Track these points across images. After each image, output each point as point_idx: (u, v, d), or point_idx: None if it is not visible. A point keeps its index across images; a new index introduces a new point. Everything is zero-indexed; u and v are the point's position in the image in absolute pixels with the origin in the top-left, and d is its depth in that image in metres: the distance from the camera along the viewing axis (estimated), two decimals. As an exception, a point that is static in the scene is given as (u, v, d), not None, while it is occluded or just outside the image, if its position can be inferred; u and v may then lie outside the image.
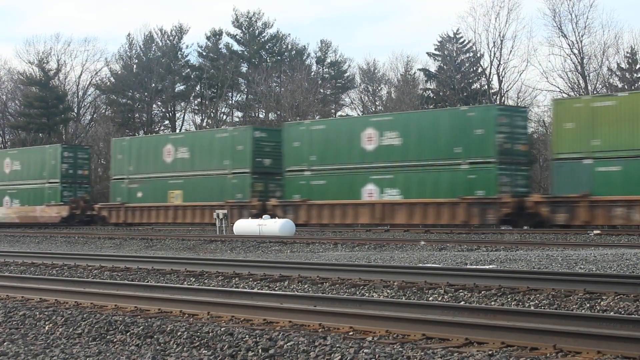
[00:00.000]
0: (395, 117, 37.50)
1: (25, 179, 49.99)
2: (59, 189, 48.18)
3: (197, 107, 74.96)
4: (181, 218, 42.18)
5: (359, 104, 70.07)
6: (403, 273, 13.92)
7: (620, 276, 12.84)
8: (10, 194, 50.87)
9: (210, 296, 11.27)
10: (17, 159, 51.10)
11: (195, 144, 42.72)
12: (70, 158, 48.85)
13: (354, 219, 35.77)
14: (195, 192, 41.58)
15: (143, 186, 44.58)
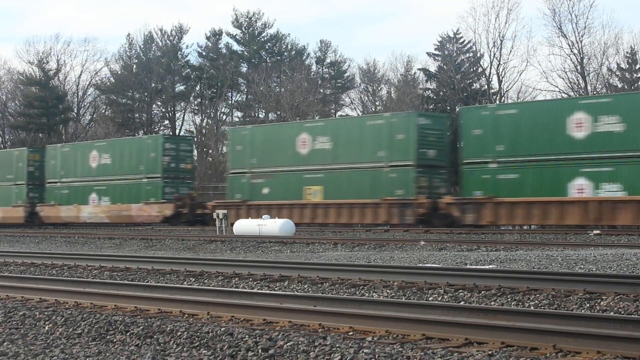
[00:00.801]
0: None
1: (117, 174, 44.88)
2: (160, 184, 42.88)
3: (197, 107, 74.99)
4: (322, 217, 36.62)
5: (358, 104, 70.12)
6: (403, 273, 13.92)
7: (620, 276, 12.84)
8: (99, 191, 45.91)
9: (210, 296, 11.27)
10: (106, 152, 45.92)
11: (339, 132, 36.77)
12: (172, 150, 43.62)
13: None
14: (340, 188, 35.94)
15: (270, 181, 38.71)
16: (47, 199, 48.76)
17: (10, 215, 50.33)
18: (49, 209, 48.27)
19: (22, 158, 50.54)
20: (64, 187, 47.77)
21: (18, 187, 50.41)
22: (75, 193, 47.10)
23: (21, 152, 51.77)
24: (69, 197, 47.28)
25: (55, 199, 47.97)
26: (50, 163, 48.90)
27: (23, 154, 51.11)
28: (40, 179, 49.65)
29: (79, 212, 46.22)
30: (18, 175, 50.49)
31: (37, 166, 50.06)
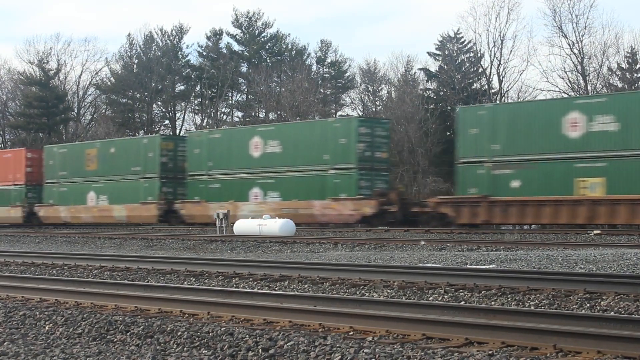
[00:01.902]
0: None
1: (290, 165, 37.66)
2: (354, 177, 35.67)
3: (197, 107, 74.99)
4: (604, 217, 29.79)
5: (359, 104, 70.12)
6: (403, 273, 13.92)
7: (620, 276, 12.84)
8: (263, 185, 38.72)
9: (210, 296, 11.27)
10: (273, 138, 38.62)
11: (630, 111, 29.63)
12: (368, 136, 36.23)
13: None
14: None
15: (524, 171, 31.39)
16: (188, 195, 41.68)
17: (137, 214, 43.30)
18: (193, 206, 40.98)
19: (153, 146, 43.20)
20: (214, 180, 40.60)
21: (148, 181, 43.09)
22: (230, 188, 39.72)
23: (152, 140, 44.73)
24: (219, 193, 39.71)
25: (201, 195, 40.64)
26: (193, 152, 41.85)
27: (154, 141, 44.03)
28: (175, 171, 42.91)
29: (237, 210, 38.00)
30: (147, 167, 43.07)
31: (170, 156, 42.93)
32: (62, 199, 47.53)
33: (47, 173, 48.66)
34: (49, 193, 48.45)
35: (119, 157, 44.89)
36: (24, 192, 49.82)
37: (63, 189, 47.67)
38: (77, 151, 48.61)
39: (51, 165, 48.43)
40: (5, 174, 50.58)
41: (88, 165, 46.43)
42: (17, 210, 49.63)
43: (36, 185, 49.57)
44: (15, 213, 49.73)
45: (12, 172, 50.34)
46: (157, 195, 42.67)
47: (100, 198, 45.51)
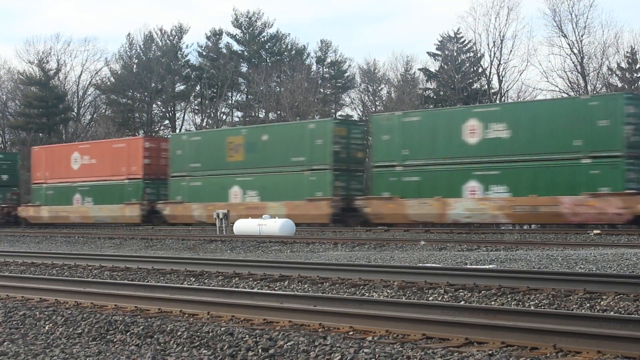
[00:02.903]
0: None
1: (523, 152, 30.97)
2: (620, 167, 29.13)
3: (197, 107, 75.01)
4: None
5: (359, 104, 70.14)
6: (403, 273, 13.92)
7: (620, 276, 12.84)
8: (483, 178, 32.06)
9: (210, 296, 11.27)
10: (498, 121, 31.86)
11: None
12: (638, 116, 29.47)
13: None
14: None
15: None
16: (373, 190, 35.08)
17: (303, 213, 36.56)
18: (381, 204, 34.15)
19: (324, 132, 36.57)
20: (412, 172, 34.01)
21: (316, 174, 36.70)
22: (436, 181, 33.29)
23: (321, 125, 37.79)
24: (419, 188, 33.51)
25: (393, 190, 34.05)
26: (380, 139, 34.95)
27: (325, 127, 37.01)
28: (348, 161, 36.87)
29: (446, 209, 32.59)
30: (315, 157, 36.71)
31: (344, 144, 36.69)
32: (195, 195, 40.62)
33: (174, 165, 41.84)
34: (176, 188, 41.64)
35: (274, 145, 38.00)
36: (141, 187, 43.32)
37: (196, 184, 40.90)
38: (215, 139, 41.58)
39: (179, 156, 41.70)
40: (117, 167, 44.37)
41: (231, 156, 39.58)
42: (134, 208, 43.10)
43: (155, 180, 43.46)
44: (132, 212, 43.12)
45: (125, 164, 43.98)
46: (329, 191, 35.95)
47: (248, 194, 38.77)
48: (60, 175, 47.40)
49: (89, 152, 46.60)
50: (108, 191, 44.78)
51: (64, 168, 47.19)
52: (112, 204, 44.29)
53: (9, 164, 52.90)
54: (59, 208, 47.20)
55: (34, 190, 49.47)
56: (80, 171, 46.54)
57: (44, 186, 48.49)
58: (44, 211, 47.91)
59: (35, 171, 49.30)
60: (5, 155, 56.46)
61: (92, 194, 45.71)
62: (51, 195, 47.92)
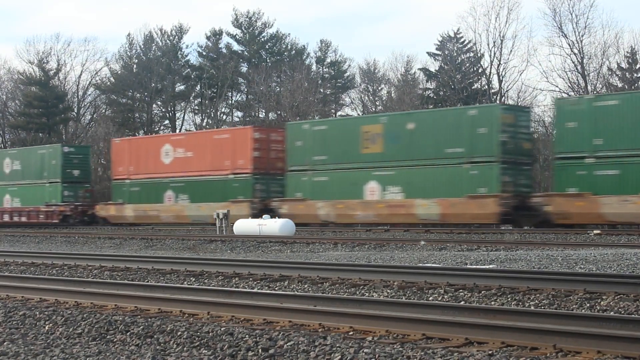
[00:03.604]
0: None
1: None
2: None
3: (197, 107, 75.01)
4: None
5: (359, 104, 70.14)
6: (403, 273, 13.92)
7: (620, 276, 12.84)
8: None
9: (210, 296, 11.27)
10: None
11: None
12: None
13: None
14: None
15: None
16: (556, 185, 31.37)
17: (461, 212, 32.57)
18: (567, 202, 30.05)
19: (488, 119, 32.38)
20: (606, 165, 29.58)
21: (477, 167, 32.24)
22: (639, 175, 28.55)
23: (486, 111, 33.51)
24: (618, 183, 29.15)
25: (582, 185, 29.86)
26: (564, 126, 30.64)
27: (491, 113, 32.94)
28: (516, 153, 32.41)
29: None
30: (476, 148, 32.29)
31: (511, 133, 32.44)
32: (320, 191, 36.42)
33: (293, 157, 37.57)
34: (295, 184, 37.36)
35: (422, 134, 33.62)
36: (251, 183, 38.85)
37: (320, 179, 36.61)
38: (346, 128, 37.05)
39: (299, 148, 37.39)
40: (219, 160, 39.91)
41: (366, 147, 35.23)
42: (242, 206, 38.30)
43: (264, 175, 39.18)
44: (240, 210, 37.81)
45: (230, 157, 39.61)
46: (496, 187, 31.67)
47: (389, 190, 34.42)
48: (147, 170, 43.04)
49: (183, 144, 42.02)
50: (208, 188, 40.25)
51: (152, 162, 42.81)
52: (214, 202, 38.81)
53: (80, 158, 48.74)
54: (147, 206, 42.60)
55: (114, 187, 44.95)
56: (173, 165, 42.00)
57: (127, 182, 44.08)
58: (128, 210, 43.42)
59: (117, 166, 44.85)
60: (77, 148, 51.59)
61: (188, 190, 41.21)
62: (137, 192, 43.55)
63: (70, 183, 47.52)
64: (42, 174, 48.14)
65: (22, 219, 48.08)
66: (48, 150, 49.19)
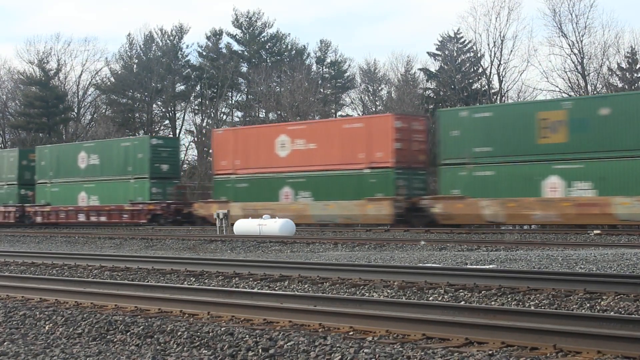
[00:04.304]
0: None
1: None
2: None
3: (197, 107, 75.02)
4: None
5: (359, 104, 70.14)
6: (403, 273, 13.92)
7: (620, 276, 12.84)
8: None
9: (210, 296, 11.28)
10: None
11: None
12: None
13: None
14: None
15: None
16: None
17: None
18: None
19: None
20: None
21: None
22: None
23: None
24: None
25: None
26: None
27: None
28: None
29: None
30: None
31: None
32: (484, 188, 31.85)
33: (447, 149, 32.93)
34: (451, 179, 32.77)
35: (620, 121, 29.18)
36: (392, 178, 34.20)
37: (483, 173, 31.92)
38: (517, 115, 32.01)
39: (455, 138, 32.70)
40: (351, 153, 35.25)
41: (544, 137, 30.49)
42: (383, 205, 33.78)
43: (406, 169, 34.61)
44: (378, 209, 33.76)
45: (364, 149, 34.89)
46: None
47: (576, 186, 29.94)
48: (259, 164, 38.37)
49: (304, 135, 37.18)
50: (337, 184, 35.64)
51: (264, 155, 38.23)
52: (346, 200, 34.90)
53: (169, 151, 44.24)
54: (259, 205, 37.48)
55: (217, 183, 40.38)
56: (290, 158, 37.29)
57: (232, 177, 39.40)
58: (235, 209, 37.63)
59: (219, 159, 40.18)
60: (166, 140, 47.64)
61: (311, 187, 36.50)
62: (245, 188, 38.80)
63: (158, 179, 42.86)
64: (125, 168, 43.50)
65: (102, 218, 44.02)
66: (133, 142, 44.76)
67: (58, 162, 47.18)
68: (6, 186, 50.25)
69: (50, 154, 48.19)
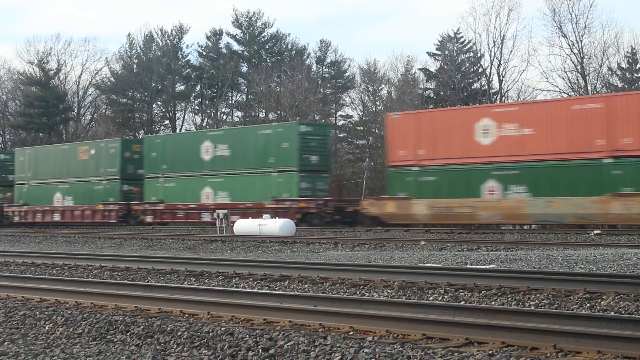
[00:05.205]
0: None
1: None
2: None
3: (197, 107, 75.02)
4: None
5: (359, 104, 70.14)
6: (403, 273, 13.92)
7: (620, 276, 12.84)
8: None
9: (210, 296, 11.28)
10: None
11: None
12: None
13: None
14: None
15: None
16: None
17: None
18: None
19: None
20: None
21: None
22: None
23: None
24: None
25: None
26: None
27: None
28: None
29: None
30: None
31: None
32: None
33: None
34: None
35: None
36: None
37: None
38: None
39: None
40: (585, 138, 29.37)
41: None
42: (635, 203, 28.07)
43: None
44: (630, 207, 28.18)
45: (604, 133, 29.04)
46: None
47: None
48: (451, 154, 32.41)
49: (515, 118, 31.23)
50: (562, 176, 29.87)
51: (459, 142, 32.22)
52: (578, 196, 29.28)
53: (318, 140, 38.12)
54: (454, 202, 32.00)
55: (393, 176, 34.50)
56: (496, 147, 31.35)
57: (414, 170, 33.36)
58: (418, 206, 32.65)
59: (396, 148, 34.00)
60: (315, 127, 40.58)
61: (526, 180, 30.63)
62: (432, 182, 32.82)
63: (308, 172, 37.19)
64: (265, 160, 37.90)
65: (234, 218, 36.47)
66: (276, 129, 39.08)
67: (174, 154, 41.85)
68: (105, 181, 44.94)
69: (164, 144, 43.07)
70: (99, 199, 44.74)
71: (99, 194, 44.96)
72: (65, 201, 47.04)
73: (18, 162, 50.69)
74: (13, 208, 49.95)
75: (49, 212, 47.62)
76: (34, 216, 48.39)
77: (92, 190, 45.33)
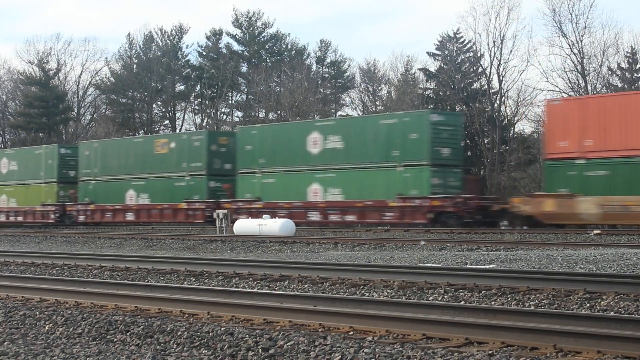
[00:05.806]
0: None
1: None
2: None
3: (197, 107, 75.02)
4: None
5: (359, 104, 70.14)
6: (403, 273, 13.92)
7: (620, 276, 12.85)
8: None
9: (210, 296, 11.28)
10: None
11: None
12: None
13: None
14: None
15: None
16: None
17: None
18: None
19: None
20: None
21: None
22: None
23: None
24: None
25: None
26: None
27: None
28: None
29: None
30: None
31: None
32: None
33: None
34: None
35: None
36: None
37: None
38: None
39: None
40: None
41: None
42: None
43: None
44: None
45: None
46: None
47: None
48: (626, 145, 28.30)
49: None
50: None
51: (636, 132, 28.15)
52: None
53: (450, 131, 34.30)
54: (632, 199, 27.84)
55: (549, 170, 30.69)
56: None
57: (577, 163, 29.27)
58: (584, 204, 28.84)
59: (556, 139, 29.77)
60: (447, 117, 36.76)
61: None
62: (602, 178, 28.77)
63: (439, 166, 33.47)
64: (388, 153, 34.08)
65: (348, 217, 35.30)
66: (402, 119, 35.01)
67: (274, 146, 38.15)
68: (188, 177, 40.96)
69: (261, 135, 39.09)
70: (182, 197, 40.61)
71: (181, 191, 40.86)
72: (140, 199, 42.69)
73: (83, 156, 45.95)
74: (78, 207, 45.32)
75: (120, 211, 43.32)
76: (103, 216, 44.25)
77: (173, 187, 41.28)
